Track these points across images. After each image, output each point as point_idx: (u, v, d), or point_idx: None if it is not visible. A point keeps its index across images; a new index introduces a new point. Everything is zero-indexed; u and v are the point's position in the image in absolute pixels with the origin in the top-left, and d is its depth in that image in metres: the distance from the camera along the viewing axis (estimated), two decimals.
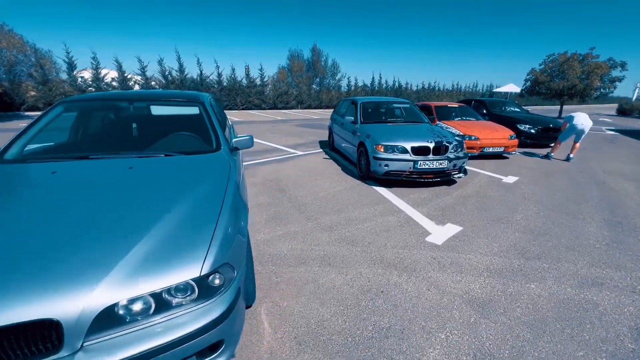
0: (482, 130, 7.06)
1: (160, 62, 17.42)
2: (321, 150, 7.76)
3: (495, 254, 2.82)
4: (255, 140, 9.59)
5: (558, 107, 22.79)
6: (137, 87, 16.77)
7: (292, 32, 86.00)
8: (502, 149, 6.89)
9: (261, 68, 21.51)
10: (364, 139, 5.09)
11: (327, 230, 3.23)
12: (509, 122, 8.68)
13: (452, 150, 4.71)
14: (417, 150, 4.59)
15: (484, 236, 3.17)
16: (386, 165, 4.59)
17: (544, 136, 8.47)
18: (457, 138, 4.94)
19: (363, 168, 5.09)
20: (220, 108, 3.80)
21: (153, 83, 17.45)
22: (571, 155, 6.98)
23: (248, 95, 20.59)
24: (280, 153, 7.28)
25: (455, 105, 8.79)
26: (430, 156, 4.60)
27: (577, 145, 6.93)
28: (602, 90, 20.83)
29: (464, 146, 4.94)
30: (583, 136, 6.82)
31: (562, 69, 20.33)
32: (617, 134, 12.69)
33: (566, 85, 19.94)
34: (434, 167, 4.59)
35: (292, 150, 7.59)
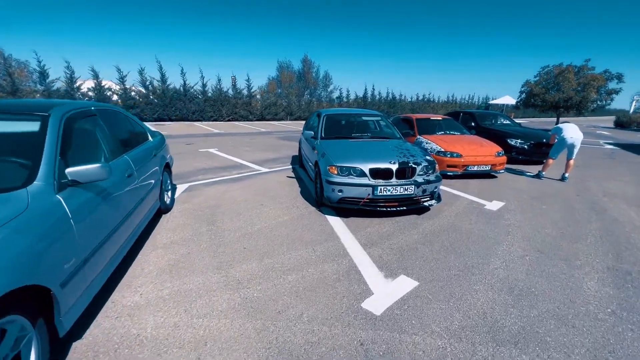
0: (466, 146, 6.28)
1: (141, 72, 16.81)
2: (290, 167, 6.97)
3: (453, 333, 1.97)
4: (222, 155, 8.99)
5: (554, 119, 22.18)
6: (115, 97, 16.07)
7: (283, 43, 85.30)
8: (488, 167, 6.08)
9: (248, 79, 20.97)
10: (319, 158, 4.29)
11: (232, 288, 2.38)
12: (499, 136, 7.95)
13: (420, 173, 3.90)
14: (376, 173, 3.78)
15: (444, 298, 2.31)
16: (340, 190, 3.76)
17: (536, 152, 7.70)
18: (427, 158, 4.14)
19: (318, 192, 4.26)
20: (115, 120, 2.97)
21: (133, 93, 16.78)
22: (566, 175, 6.16)
23: (234, 106, 19.95)
24: (242, 170, 6.48)
25: (439, 118, 8.05)
26: (393, 180, 3.78)
27: (571, 162, 6.12)
28: (598, 102, 20.32)
29: (436, 168, 4.13)
30: (575, 151, 6.01)
31: (557, 80, 19.85)
32: (616, 148, 11.95)
33: (562, 97, 19.41)
34: (398, 193, 3.76)
35: (257, 167, 6.79)
